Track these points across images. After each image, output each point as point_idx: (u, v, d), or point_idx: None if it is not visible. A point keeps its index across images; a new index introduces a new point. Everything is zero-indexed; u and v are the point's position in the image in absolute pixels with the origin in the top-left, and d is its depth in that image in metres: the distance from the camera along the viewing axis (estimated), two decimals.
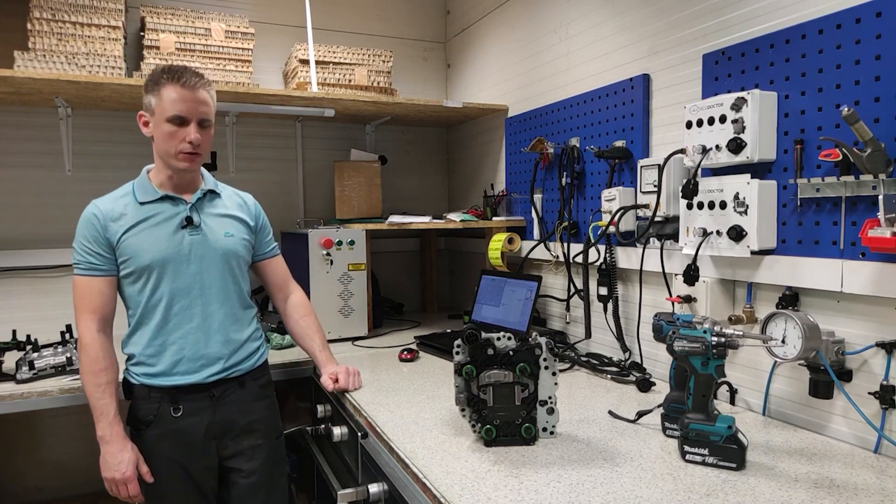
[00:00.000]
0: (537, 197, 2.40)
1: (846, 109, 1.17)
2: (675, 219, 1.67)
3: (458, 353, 1.35)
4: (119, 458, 1.50)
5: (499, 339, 1.33)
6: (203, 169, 1.72)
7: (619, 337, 1.95)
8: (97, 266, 1.57)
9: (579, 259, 2.11)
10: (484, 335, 1.34)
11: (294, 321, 1.88)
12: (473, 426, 1.35)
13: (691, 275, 1.56)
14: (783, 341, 1.32)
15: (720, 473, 1.16)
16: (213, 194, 1.71)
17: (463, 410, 1.36)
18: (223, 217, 1.70)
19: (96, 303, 1.56)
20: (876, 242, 1.15)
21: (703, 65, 1.63)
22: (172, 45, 2.33)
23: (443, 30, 3.30)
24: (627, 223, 1.87)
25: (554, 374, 1.35)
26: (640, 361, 1.88)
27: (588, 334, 2.12)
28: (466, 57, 3.08)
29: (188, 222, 1.62)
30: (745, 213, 1.43)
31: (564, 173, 2.18)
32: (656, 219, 1.72)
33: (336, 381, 1.74)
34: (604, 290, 1.98)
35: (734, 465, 1.18)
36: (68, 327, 2.13)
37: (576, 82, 2.19)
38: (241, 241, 1.72)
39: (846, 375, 1.31)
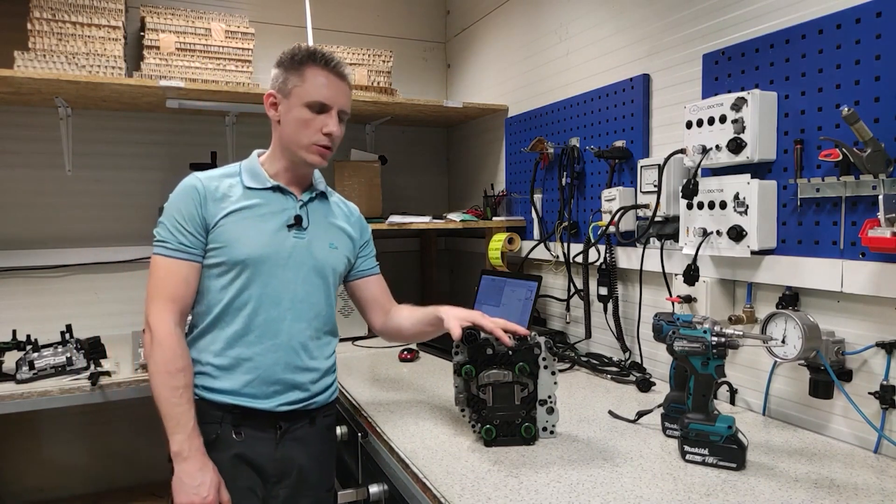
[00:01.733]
0: (537, 197, 2.40)
1: (846, 109, 1.17)
2: (675, 219, 1.67)
3: (457, 353, 1.35)
4: (199, 480, 1.26)
5: (498, 338, 1.33)
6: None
7: (619, 337, 1.95)
8: (188, 248, 1.34)
9: (579, 259, 2.11)
10: (483, 335, 1.34)
11: (399, 312, 1.60)
12: (473, 426, 1.35)
13: (691, 275, 1.56)
14: (783, 341, 1.32)
15: (720, 473, 1.16)
16: (323, 197, 1.51)
17: (462, 411, 1.36)
18: (330, 225, 1.50)
19: (179, 291, 1.33)
20: (876, 242, 1.15)
21: (703, 65, 1.63)
22: (172, 45, 2.33)
23: (443, 30, 3.30)
24: (627, 223, 1.87)
25: (553, 373, 1.35)
26: (640, 361, 1.88)
27: (588, 334, 2.12)
28: (466, 57, 3.08)
29: (296, 222, 1.41)
30: (745, 213, 1.43)
31: (564, 173, 2.18)
32: (656, 219, 1.72)
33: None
34: (604, 290, 1.98)
35: (734, 465, 1.18)
36: (68, 327, 2.13)
37: (576, 82, 2.19)
38: (343, 256, 1.51)
39: (846, 375, 1.31)
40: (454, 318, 1.40)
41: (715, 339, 1.22)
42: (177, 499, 1.28)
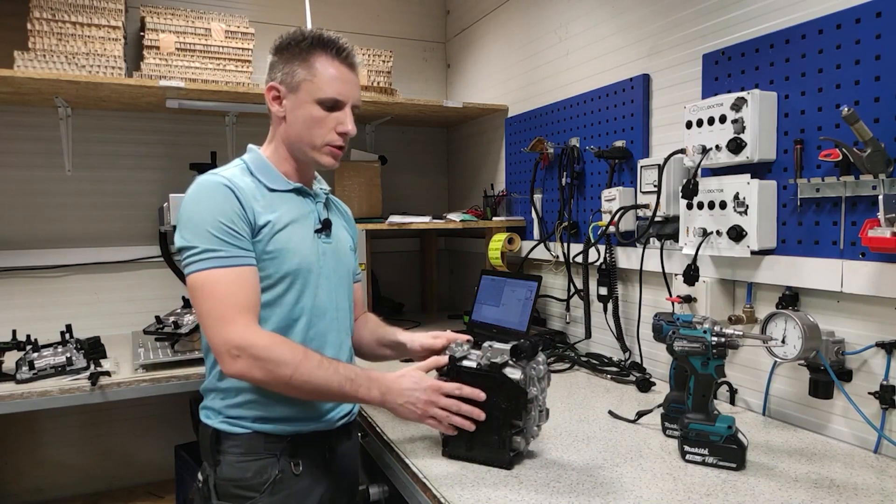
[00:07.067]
0: (537, 197, 2.39)
1: (846, 109, 1.17)
2: (675, 219, 1.67)
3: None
4: (410, 384, 1.19)
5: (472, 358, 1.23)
6: None
7: (619, 337, 1.95)
8: (246, 252, 1.16)
9: (579, 259, 2.11)
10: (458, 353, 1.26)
11: (365, 322, 1.52)
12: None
13: (691, 275, 1.56)
14: (783, 341, 1.32)
15: (720, 473, 1.16)
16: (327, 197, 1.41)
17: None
18: (343, 227, 1.41)
19: (251, 301, 1.15)
20: (876, 242, 1.15)
21: (703, 65, 1.63)
22: (172, 45, 2.33)
23: (443, 30, 3.30)
24: (627, 223, 1.87)
25: (541, 379, 1.24)
26: (640, 361, 1.88)
27: (588, 334, 2.12)
28: (466, 57, 3.08)
29: (324, 226, 1.30)
30: (745, 213, 1.43)
31: (564, 173, 2.18)
32: (656, 219, 1.72)
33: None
34: (604, 290, 1.98)
35: (734, 465, 1.18)
36: (68, 327, 2.14)
37: (576, 82, 2.19)
38: (354, 258, 1.45)
39: (846, 375, 1.31)
40: (424, 346, 1.37)
41: (715, 339, 1.22)
42: (418, 419, 1.20)
